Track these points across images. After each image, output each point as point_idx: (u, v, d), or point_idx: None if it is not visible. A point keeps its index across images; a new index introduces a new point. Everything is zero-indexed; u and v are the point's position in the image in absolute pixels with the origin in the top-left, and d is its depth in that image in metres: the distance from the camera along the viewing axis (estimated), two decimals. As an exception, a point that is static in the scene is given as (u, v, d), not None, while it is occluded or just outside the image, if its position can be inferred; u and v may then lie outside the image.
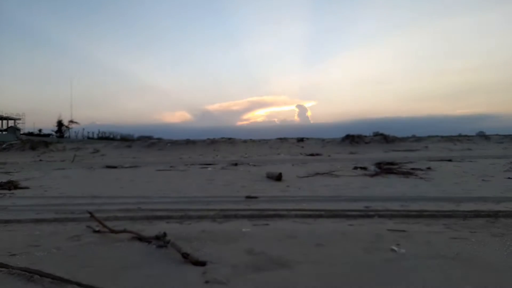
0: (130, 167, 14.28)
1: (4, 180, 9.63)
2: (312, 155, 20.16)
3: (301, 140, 30.23)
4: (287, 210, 5.37)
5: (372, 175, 9.90)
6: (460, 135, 29.10)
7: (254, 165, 14.10)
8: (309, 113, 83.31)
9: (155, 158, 20.64)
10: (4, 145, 26.59)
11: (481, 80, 75.81)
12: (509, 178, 9.03)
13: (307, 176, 10.15)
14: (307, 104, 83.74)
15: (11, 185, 8.80)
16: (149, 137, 38.30)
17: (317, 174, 10.57)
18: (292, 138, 31.15)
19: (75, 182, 9.83)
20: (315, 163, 14.68)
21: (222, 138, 30.45)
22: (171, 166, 14.19)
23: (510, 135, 27.96)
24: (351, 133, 28.74)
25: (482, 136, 28.38)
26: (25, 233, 4.50)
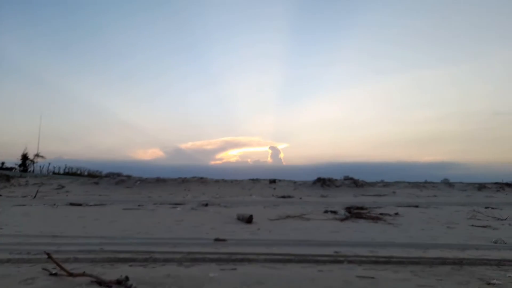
0: (96, 205, 13.71)
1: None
2: (283, 197, 20.15)
3: (273, 181, 30.23)
4: (256, 254, 5.27)
5: (342, 219, 9.96)
6: (426, 182, 29.99)
7: (225, 206, 13.90)
8: (281, 155, 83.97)
9: (123, 196, 19.97)
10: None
11: (448, 128, 79.94)
12: (472, 225, 9.32)
13: (278, 219, 10.08)
14: (280, 146, 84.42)
15: (-37, 222, 8.21)
16: (118, 174, 37.12)
17: (288, 217, 10.53)
18: (264, 179, 31.11)
19: (35, 220, 9.30)
20: (286, 206, 14.65)
21: (194, 177, 29.99)
22: (139, 205, 13.75)
23: (473, 183, 29.16)
24: (322, 176, 29.08)
25: (447, 184, 29.37)
26: (-27, 275, 4.17)
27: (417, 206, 14.73)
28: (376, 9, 79.70)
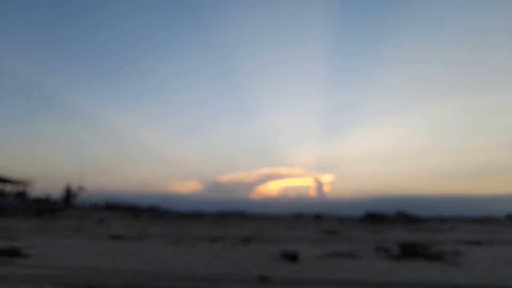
0: (136, 238, 13.67)
1: (6, 247, 9.19)
2: (330, 233, 19.21)
3: (318, 217, 29.33)
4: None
5: (396, 258, 9.15)
6: (487, 217, 27.82)
7: (268, 242, 13.36)
8: (326, 188, 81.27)
9: (162, 230, 19.94)
10: (11, 210, 26.26)
11: (509, 159, 73.11)
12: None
13: (325, 256, 9.44)
14: (324, 178, 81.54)
15: (14, 253, 8.38)
16: (157, 208, 37.67)
17: (336, 254, 9.85)
18: (308, 215, 30.29)
19: (78, 252, 9.30)
20: (333, 242, 13.86)
21: (234, 212, 29.73)
22: (178, 240, 13.55)
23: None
24: (371, 210, 27.84)
25: (512, 219, 27.04)
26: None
27: (479, 243, 13.42)
28: (425, 29, 77.06)
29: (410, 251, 9.98)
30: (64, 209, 30.31)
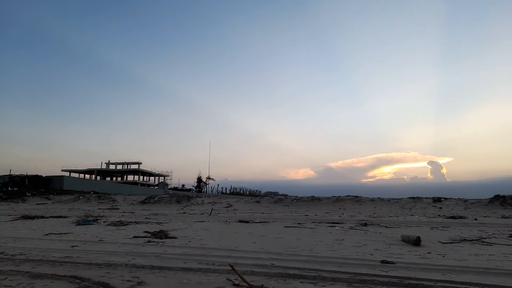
0: (260, 222, 14.86)
1: (156, 230, 11.08)
2: (453, 217, 17.73)
3: (437, 200, 27.15)
4: (432, 280, 4.79)
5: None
6: None
7: (386, 227, 13.14)
8: (444, 171, 74.10)
9: (281, 214, 21.06)
10: (156, 198, 30.90)
11: None
12: None
13: (451, 242, 8.95)
14: (442, 161, 74.47)
15: (162, 235, 10.04)
16: (275, 193, 39.66)
17: (464, 240, 9.24)
18: (426, 198, 28.27)
19: (213, 234, 10.65)
20: (458, 228, 12.88)
21: (348, 196, 29.50)
22: (298, 223, 14.27)
23: None
24: (501, 193, 24.54)
25: None
26: (176, 280, 5.04)
27: None
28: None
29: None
30: (197, 196, 34.25)
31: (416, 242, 8.44)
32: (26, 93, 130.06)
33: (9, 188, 41.01)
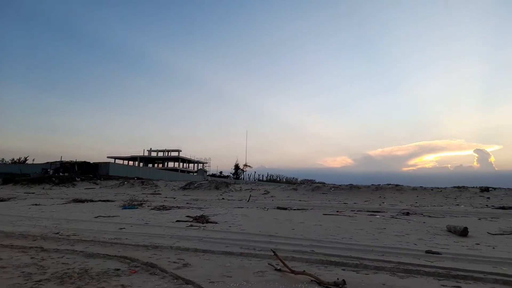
0: (298, 209, 14.87)
1: (198, 214, 11.41)
2: (503, 208, 16.80)
3: (485, 189, 25.75)
4: (482, 272, 4.59)
5: None
6: None
7: (429, 216, 12.70)
8: (492, 159, 70.06)
9: (319, 201, 20.92)
10: (196, 184, 31.74)
11: None
12: None
13: (502, 234, 8.51)
14: (489, 149, 70.39)
15: (204, 219, 10.33)
16: (312, 181, 39.43)
17: (516, 232, 8.75)
18: (473, 187, 26.90)
19: (252, 220, 10.81)
20: (509, 219, 12.20)
21: (388, 184, 28.70)
22: (337, 211, 14.14)
23: None
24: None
25: None
26: (219, 263, 5.19)
27: None
28: None
29: None
30: (234, 183, 34.78)
31: (463, 232, 8.10)
32: (82, 88, 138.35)
33: (61, 174, 43.80)
